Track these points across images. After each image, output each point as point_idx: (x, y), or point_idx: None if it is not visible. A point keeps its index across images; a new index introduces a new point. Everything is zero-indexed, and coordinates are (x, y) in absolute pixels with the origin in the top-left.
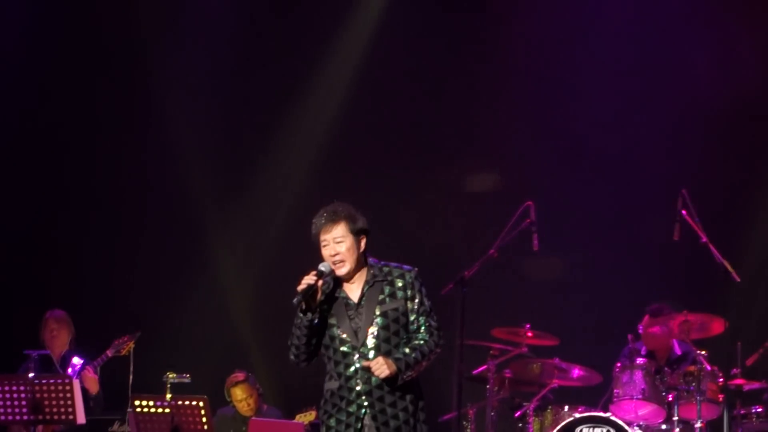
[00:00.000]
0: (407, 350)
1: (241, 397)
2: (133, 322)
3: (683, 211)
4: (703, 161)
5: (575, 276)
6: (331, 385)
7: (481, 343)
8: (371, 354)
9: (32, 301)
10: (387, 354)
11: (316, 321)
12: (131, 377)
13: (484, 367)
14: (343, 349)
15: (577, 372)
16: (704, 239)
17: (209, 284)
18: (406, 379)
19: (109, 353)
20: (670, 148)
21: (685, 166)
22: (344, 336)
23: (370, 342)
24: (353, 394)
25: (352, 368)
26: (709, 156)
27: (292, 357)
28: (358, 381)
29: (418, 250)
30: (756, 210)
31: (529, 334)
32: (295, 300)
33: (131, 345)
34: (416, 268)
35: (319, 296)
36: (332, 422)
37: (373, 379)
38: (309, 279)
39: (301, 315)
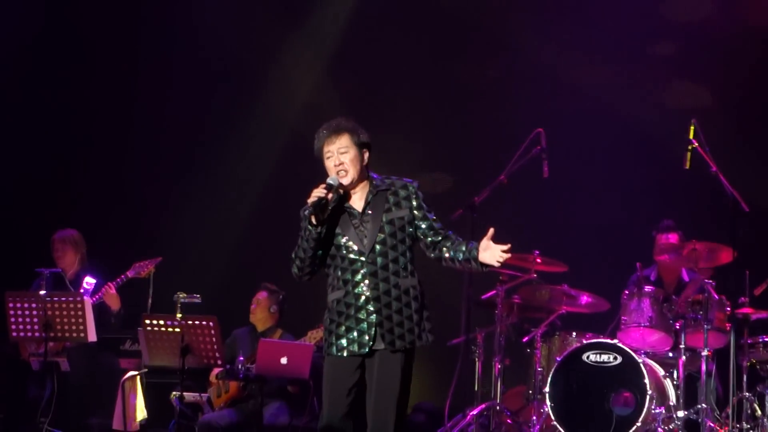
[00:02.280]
0: (463, 247)
1: (257, 302)
2: (155, 247)
3: (694, 141)
4: (715, 89)
5: (585, 203)
6: (337, 294)
7: (490, 269)
8: (378, 260)
9: (52, 220)
10: (394, 262)
11: (323, 233)
12: (150, 300)
13: (493, 292)
14: (351, 256)
15: (585, 299)
16: (714, 168)
17: (229, 213)
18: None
19: (129, 274)
20: (682, 76)
21: (696, 95)
22: (350, 244)
23: (377, 249)
24: (361, 301)
25: (359, 275)
26: (721, 84)
27: (295, 270)
28: (365, 288)
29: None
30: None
31: (538, 260)
32: (304, 210)
33: (152, 269)
34: (417, 182)
35: (328, 209)
36: (341, 330)
37: (381, 285)
38: (319, 192)
39: (311, 227)
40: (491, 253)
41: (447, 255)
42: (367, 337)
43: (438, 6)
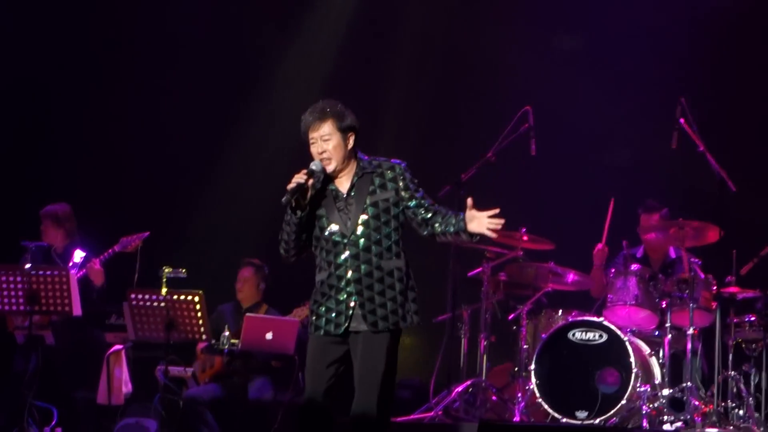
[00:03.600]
0: (453, 220)
1: (243, 280)
2: (143, 222)
3: (681, 120)
4: (703, 69)
5: (572, 182)
6: (321, 275)
7: (476, 246)
8: (361, 242)
9: (43, 194)
10: (376, 244)
11: (305, 217)
12: (136, 276)
13: (479, 269)
14: (334, 238)
15: (571, 277)
16: (702, 148)
17: (221, 186)
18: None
19: (117, 249)
20: (666, 54)
21: (684, 74)
22: (334, 226)
23: (360, 231)
24: (342, 282)
25: (342, 257)
26: (708, 64)
27: (282, 252)
28: (348, 269)
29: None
30: (755, 119)
31: (525, 237)
32: (284, 199)
33: (139, 243)
34: (405, 162)
35: (309, 194)
36: (322, 310)
37: (363, 267)
38: (299, 178)
39: (290, 212)
40: (479, 221)
41: (439, 230)
42: (343, 318)
43: None
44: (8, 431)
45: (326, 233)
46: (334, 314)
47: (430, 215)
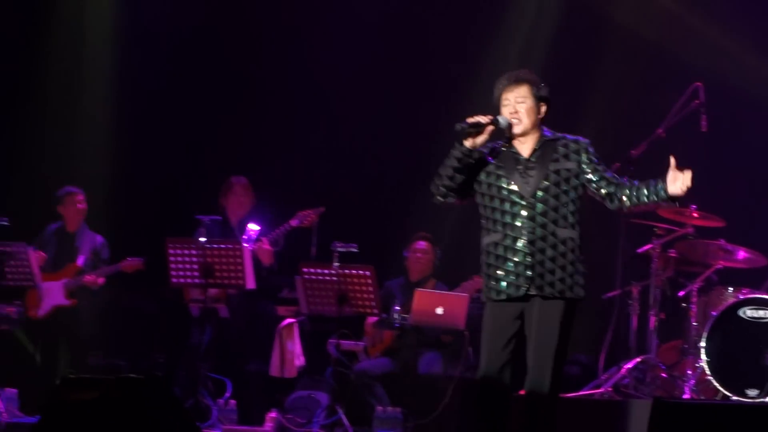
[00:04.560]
0: (645, 189)
1: (422, 252)
2: (317, 197)
3: None
4: None
5: (744, 158)
6: (494, 237)
7: (646, 222)
8: (539, 206)
9: (210, 167)
10: (553, 210)
11: (467, 159)
12: (314, 249)
13: (649, 246)
14: (512, 198)
15: (742, 254)
16: None
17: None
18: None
19: (293, 223)
20: None
21: None
22: (514, 187)
23: (539, 195)
24: (518, 244)
25: (518, 220)
26: None
27: (432, 189)
28: (524, 232)
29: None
30: None
31: (695, 214)
32: (457, 125)
33: (315, 218)
34: (588, 140)
35: (481, 138)
36: (500, 273)
37: (538, 230)
38: (481, 117)
39: (458, 144)
40: (679, 182)
41: (629, 202)
42: (522, 279)
43: None
44: (184, 401)
45: (504, 193)
46: (513, 276)
47: (614, 188)
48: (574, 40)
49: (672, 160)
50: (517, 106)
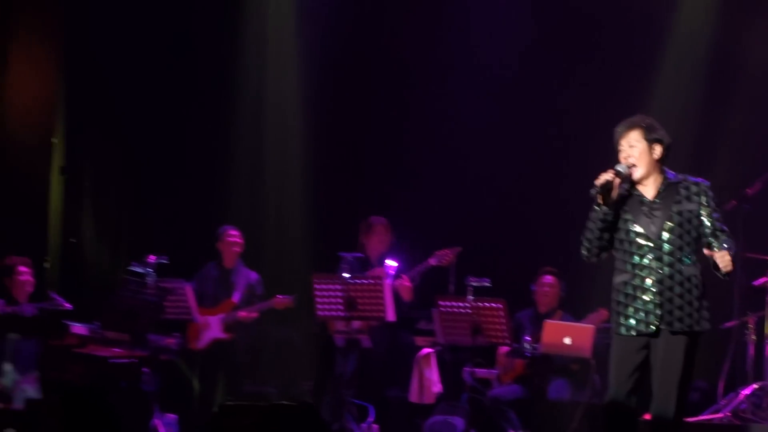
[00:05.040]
0: (725, 245)
1: (549, 286)
2: (452, 234)
3: None
4: None
5: None
6: (624, 277)
7: (761, 257)
8: (665, 247)
9: (351, 208)
10: (679, 249)
11: (609, 216)
12: (451, 286)
13: (764, 279)
14: (639, 241)
15: None
16: None
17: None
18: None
19: (432, 262)
20: None
21: None
22: (640, 230)
23: (665, 236)
24: (647, 283)
25: (646, 260)
26: None
27: (584, 251)
28: (651, 272)
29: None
30: None
31: None
32: (592, 191)
33: (452, 258)
34: (708, 182)
35: (614, 193)
36: (629, 310)
37: (665, 269)
38: (607, 175)
39: (596, 207)
40: (721, 265)
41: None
42: (652, 317)
43: None
44: (331, 426)
45: (631, 235)
46: (642, 314)
47: (712, 239)
48: (709, 83)
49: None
50: (630, 151)
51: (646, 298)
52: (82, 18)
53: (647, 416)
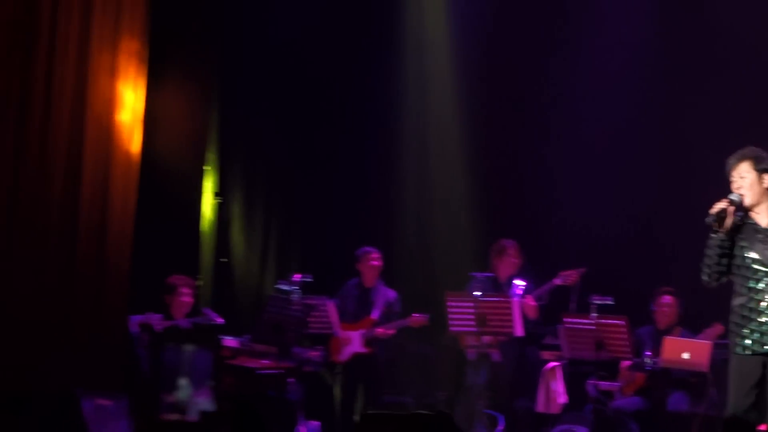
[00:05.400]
0: None
1: (667, 305)
2: (579, 258)
3: None
4: None
5: None
6: (740, 300)
7: None
8: None
9: (483, 228)
10: None
11: (726, 242)
12: (573, 304)
13: None
14: (754, 266)
15: None
16: None
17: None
18: None
19: (557, 282)
20: None
21: None
22: (755, 255)
23: None
24: (761, 306)
25: (761, 285)
26: None
27: (704, 277)
28: (766, 296)
29: None
30: None
31: None
32: (707, 219)
33: (577, 278)
34: None
35: (728, 221)
36: (746, 332)
37: None
38: (721, 204)
39: (712, 234)
40: None
41: None
42: (767, 338)
43: None
44: None
45: (747, 261)
46: (758, 335)
47: None
48: None
49: None
50: (741, 182)
51: (761, 320)
52: (233, 54)
53: (763, 427)
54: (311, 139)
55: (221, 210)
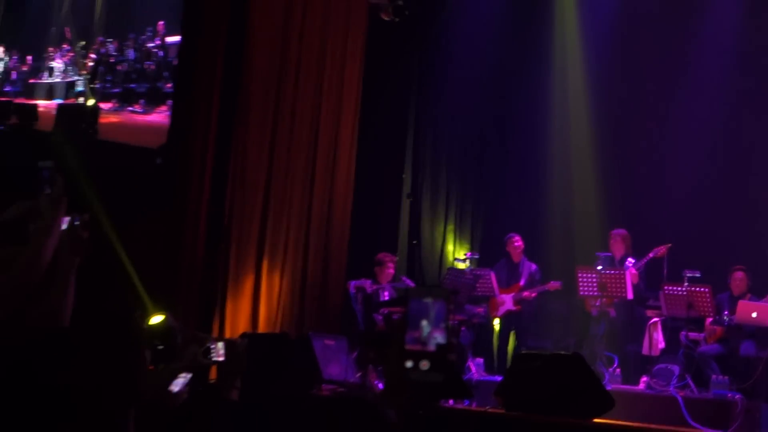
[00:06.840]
0: None
1: (738, 278)
2: (666, 234)
3: None
4: None
5: None
6: None
7: None
8: None
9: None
10: None
11: None
12: (665, 271)
13: None
14: None
15: None
16: None
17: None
18: None
19: (651, 255)
20: None
21: None
22: None
23: None
24: None
25: None
26: None
27: None
28: None
29: None
30: None
31: None
32: None
33: (665, 251)
34: None
35: None
36: None
37: None
38: None
39: None
40: None
41: None
42: None
43: None
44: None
45: None
46: None
47: None
48: None
49: None
50: None
51: None
52: (423, 86)
53: None
54: (482, 150)
55: (413, 206)
